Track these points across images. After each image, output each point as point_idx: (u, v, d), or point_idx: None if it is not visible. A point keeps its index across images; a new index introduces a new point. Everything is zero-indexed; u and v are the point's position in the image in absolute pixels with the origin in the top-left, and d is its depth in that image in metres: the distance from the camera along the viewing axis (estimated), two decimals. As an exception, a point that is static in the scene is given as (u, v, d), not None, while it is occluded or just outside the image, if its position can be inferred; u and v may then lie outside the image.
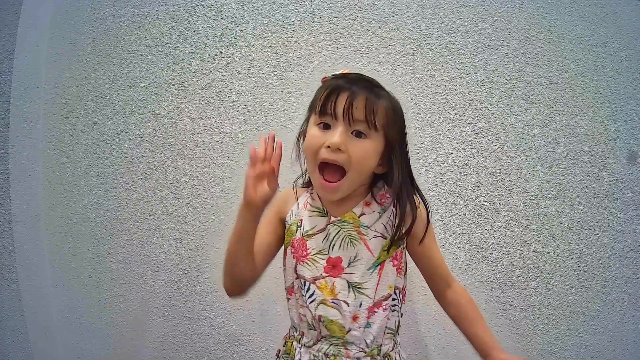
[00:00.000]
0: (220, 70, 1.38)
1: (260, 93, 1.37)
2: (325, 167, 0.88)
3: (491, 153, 1.35)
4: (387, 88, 0.94)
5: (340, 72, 0.93)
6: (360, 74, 0.92)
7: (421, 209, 0.94)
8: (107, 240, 1.42)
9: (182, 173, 1.39)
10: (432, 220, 0.96)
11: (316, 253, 0.90)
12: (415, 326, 1.20)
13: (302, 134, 0.96)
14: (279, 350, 0.98)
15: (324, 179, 0.87)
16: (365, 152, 0.87)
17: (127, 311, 1.42)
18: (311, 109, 0.93)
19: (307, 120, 0.95)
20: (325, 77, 0.95)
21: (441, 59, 1.35)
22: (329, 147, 0.85)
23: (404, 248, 0.94)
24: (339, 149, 0.84)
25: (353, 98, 0.85)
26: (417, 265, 0.99)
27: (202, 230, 1.39)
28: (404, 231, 0.90)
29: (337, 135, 0.85)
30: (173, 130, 1.39)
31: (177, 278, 1.41)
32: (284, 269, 0.95)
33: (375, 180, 0.96)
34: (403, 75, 1.35)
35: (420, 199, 0.94)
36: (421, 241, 0.93)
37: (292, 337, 0.94)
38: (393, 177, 0.90)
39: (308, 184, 1.00)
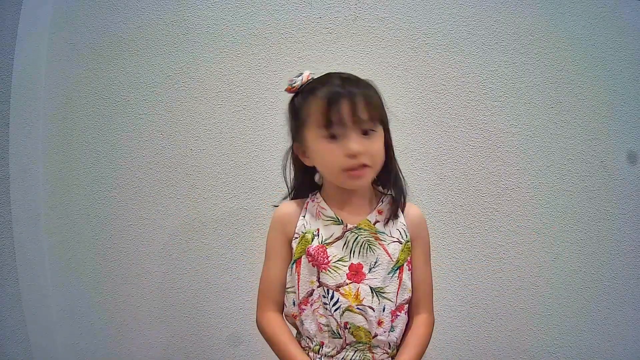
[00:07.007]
0: (220, 70, 1.38)
1: (260, 93, 1.37)
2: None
3: (491, 153, 1.35)
4: (385, 87, 0.94)
5: (305, 77, 0.91)
6: (335, 73, 0.91)
7: (422, 220, 0.96)
8: (107, 240, 1.41)
9: (182, 173, 1.39)
10: (431, 220, 0.97)
11: (337, 260, 0.89)
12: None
13: (295, 149, 0.95)
14: None
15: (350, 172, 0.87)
16: (379, 147, 0.89)
17: (127, 311, 1.42)
18: (301, 124, 0.90)
19: (297, 135, 0.92)
20: (290, 87, 0.92)
21: (441, 59, 1.35)
22: (352, 155, 0.85)
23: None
24: (361, 153, 0.85)
25: (354, 101, 0.85)
26: None
27: (201, 230, 1.39)
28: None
29: (355, 142, 0.85)
30: (173, 130, 1.39)
31: (177, 278, 1.41)
32: (298, 281, 0.91)
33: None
34: (403, 75, 1.35)
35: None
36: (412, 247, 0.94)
37: (308, 348, 0.91)
38: (390, 162, 0.93)
39: (296, 197, 0.99)
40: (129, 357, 1.43)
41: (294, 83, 0.92)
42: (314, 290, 0.90)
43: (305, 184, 0.99)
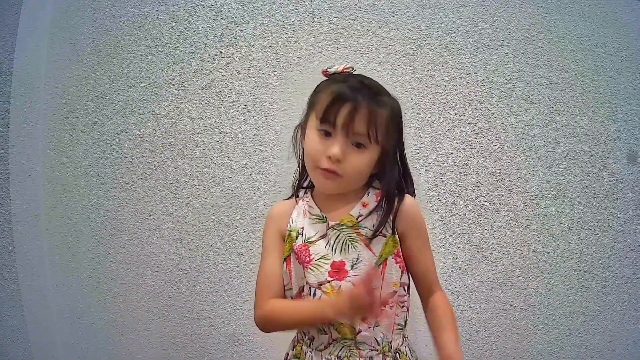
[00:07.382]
0: (220, 70, 1.38)
1: (260, 93, 1.37)
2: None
3: (491, 153, 1.35)
4: (385, 87, 0.93)
5: (341, 67, 0.92)
6: (363, 77, 0.92)
7: (414, 208, 0.95)
8: (107, 240, 1.42)
9: (182, 173, 1.39)
10: (431, 220, 0.96)
11: (320, 258, 0.90)
12: (414, 326, 1.20)
13: (301, 128, 0.96)
14: (287, 354, 0.97)
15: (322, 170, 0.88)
16: (363, 163, 0.89)
17: (127, 311, 1.42)
18: (311, 105, 0.93)
19: (306, 115, 0.94)
20: (326, 70, 0.94)
21: (441, 59, 1.35)
22: (330, 158, 0.86)
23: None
24: (338, 160, 0.86)
25: (356, 110, 0.85)
26: (406, 265, 0.97)
27: (201, 230, 1.39)
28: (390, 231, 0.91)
29: (337, 147, 0.86)
30: (173, 130, 1.39)
31: (177, 278, 1.41)
32: (290, 278, 0.93)
33: (371, 179, 0.96)
34: (403, 75, 1.35)
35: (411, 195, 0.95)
36: (401, 237, 0.93)
37: (302, 341, 0.93)
38: (385, 177, 0.92)
39: (297, 193, 1.01)
40: (129, 357, 1.43)
41: (331, 68, 0.93)
42: (304, 286, 0.91)
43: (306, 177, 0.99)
